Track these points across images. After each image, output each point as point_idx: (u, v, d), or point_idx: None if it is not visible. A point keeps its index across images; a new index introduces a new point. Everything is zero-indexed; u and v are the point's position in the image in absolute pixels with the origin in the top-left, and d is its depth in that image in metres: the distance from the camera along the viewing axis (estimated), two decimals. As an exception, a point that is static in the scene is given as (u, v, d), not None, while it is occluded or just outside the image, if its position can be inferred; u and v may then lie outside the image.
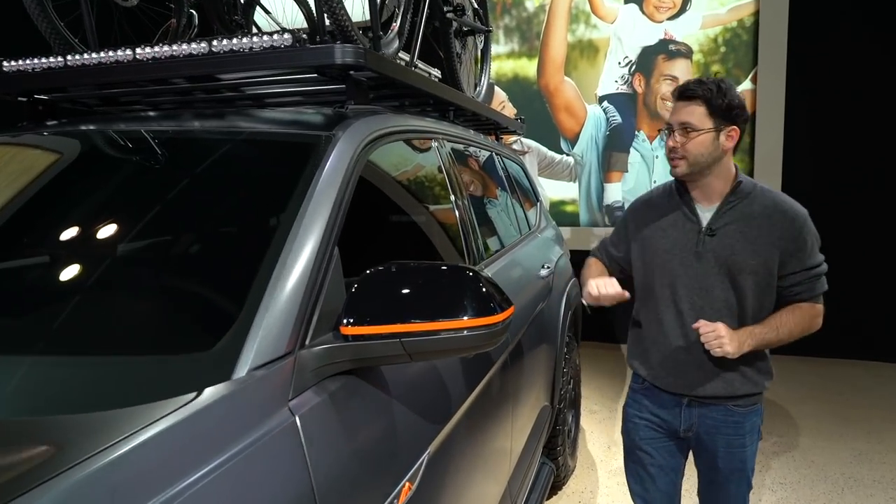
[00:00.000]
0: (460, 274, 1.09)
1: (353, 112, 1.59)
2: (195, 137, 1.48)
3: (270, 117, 1.59)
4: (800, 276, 1.62)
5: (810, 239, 1.61)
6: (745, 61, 5.13)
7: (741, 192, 1.62)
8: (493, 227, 2.43)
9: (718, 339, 1.54)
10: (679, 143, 1.59)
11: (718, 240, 1.61)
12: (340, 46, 1.53)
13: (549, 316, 2.60)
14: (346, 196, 1.26)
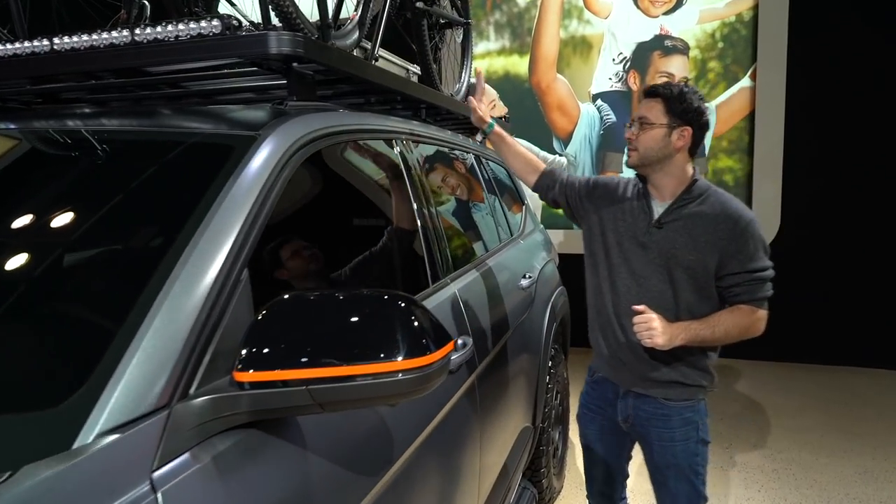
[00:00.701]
0: (387, 304, 0.90)
1: (293, 109, 1.40)
2: (92, 138, 1.28)
3: (195, 115, 1.41)
4: (739, 278, 1.65)
5: (753, 243, 1.65)
6: (743, 57, 4.94)
7: (694, 193, 1.69)
8: (468, 235, 2.24)
9: (649, 330, 1.60)
10: (633, 136, 1.69)
11: (664, 233, 1.69)
12: (276, 34, 1.34)
13: (530, 329, 2.41)
14: (266, 207, 1.07)
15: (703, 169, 5.07)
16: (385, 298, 0.92)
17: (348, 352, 0.85)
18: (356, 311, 0.90)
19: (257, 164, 1.11)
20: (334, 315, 0.90)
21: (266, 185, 1.10)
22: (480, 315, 1.84)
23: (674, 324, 1.63)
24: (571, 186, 1.93)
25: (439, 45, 2.73)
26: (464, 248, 2.13)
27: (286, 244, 1.20)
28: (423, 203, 1.76)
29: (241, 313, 0.93)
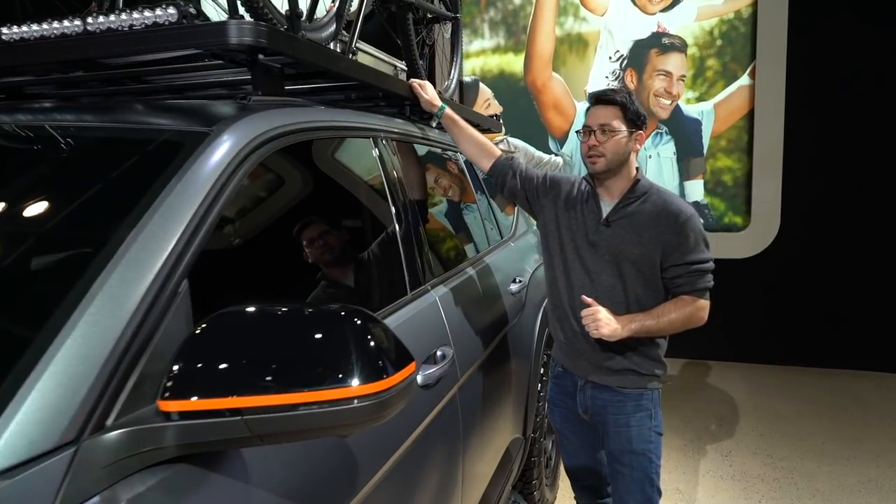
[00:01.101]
0: (340, 321, 0.80)
1: (256, 105, 1.30)
2: (28, 133, 1.17)
3: (149, 110, 1.30)
4: (680, 270, 1.74)
5: (693, 236, 1.73)
6: (742, 55, 4.84)
7: (638, 191, 1.78)
8: (453, 238, 2.14)
9: (595, 322, 1.69)
10: (600, 142, 1.75)
11: (612, 231, 1.77)
12: (236, 23, 1.24)
13: (520, 336, 2.30)
14: (214, 211, 0.97)
15: (702, 169, 4.97)
16: (338, 314, 0.81)
17: (292, 376, 0.75)
18: (305, 328, 0.80)
19: (207, 164, 1.01)
20: (279, 333, 0.79)
21: (215, 186, 0.99)
22: (464, 323, 1.74)
23: (619, 317, 1.72)
24: (530, 180, 1.96)
25: (426, 40, 2.62)
26: (448, 252, 2.03)
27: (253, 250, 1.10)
28: (403, 205, 1.66)
29: (176, 331, 0.83)
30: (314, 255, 1.31)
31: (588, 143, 1.76)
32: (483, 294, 2.01)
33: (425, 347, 1.46)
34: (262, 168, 1.15)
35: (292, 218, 1.30)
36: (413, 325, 1.45)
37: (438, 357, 1.49)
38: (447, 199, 2.30)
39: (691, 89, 4.97)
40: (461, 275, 1.91)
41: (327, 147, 1.46)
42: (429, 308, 1.57)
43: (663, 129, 5.04)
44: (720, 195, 4.97)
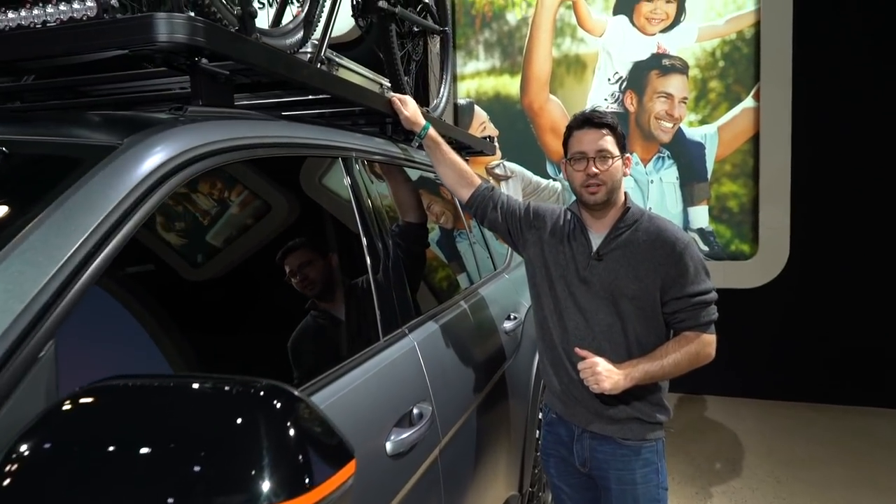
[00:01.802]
0: (249, 405, 0.56)
1: (193, 116, 1.08)
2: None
3: (61, 120, 1.08)
4: (682, 303, 1.59)
5: (692, 265, 1.58)
6: (745, 76, 4.67)
7: (629, 219, 1.63)
8: (439, 271, 1.91)
9: (595, 376, 1.53)
10: (601, 170, 1.58)
11: (604, 265, 1.62)
12: (165, 17, 1.02)
13: (515, 379, 2.06)
14: (109, 246, 0.74)
15: (706, 194, 4.77)
16: (247, 394, 0.58)
17: (171, 489, 0.51)
18: (198, 414, 0.56)
19: (105, 187, 0.79)
20: (161, 420, 0.56)
21: (114, 213, 0.77)
22: (447, 371, 1.50)
23: (619, 365, 1.56)
24: (512, 214, 1.80)
25: (413, 55, 2.43)
26: (433, 288, 1.80)
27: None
28: (377, 235, 1.43)
29: (30, 409, 0.59)
30: (259, 301, 1.08)
31: (587, 172, 1.59)
32: (472, 335, 1.77)
33: (398, 406, 1.22)
34: (188, 192, 0.92)
35: (232, 253, 1.06)
36: (383, 380, 1.21)
37: (415, 416, 1.25)
38: (434, 226, 2.07)
39: (694, 112, 4.79)
40: (447, 313, 1.68)
41: (280, 168, 1.23)
42: (405, 356, 1.33)
43: (665, 152, 4.86)
44: (726, 222, 4.76)
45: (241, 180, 1.13)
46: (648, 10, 4.86)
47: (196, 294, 0.95)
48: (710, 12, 4.72)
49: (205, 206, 1.02)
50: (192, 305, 0.93)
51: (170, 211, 0.91)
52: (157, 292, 0.87)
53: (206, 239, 1.02)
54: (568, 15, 5.06)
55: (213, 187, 1.06)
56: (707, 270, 1.62)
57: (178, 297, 0.91)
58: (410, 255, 1.70)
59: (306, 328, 1.17)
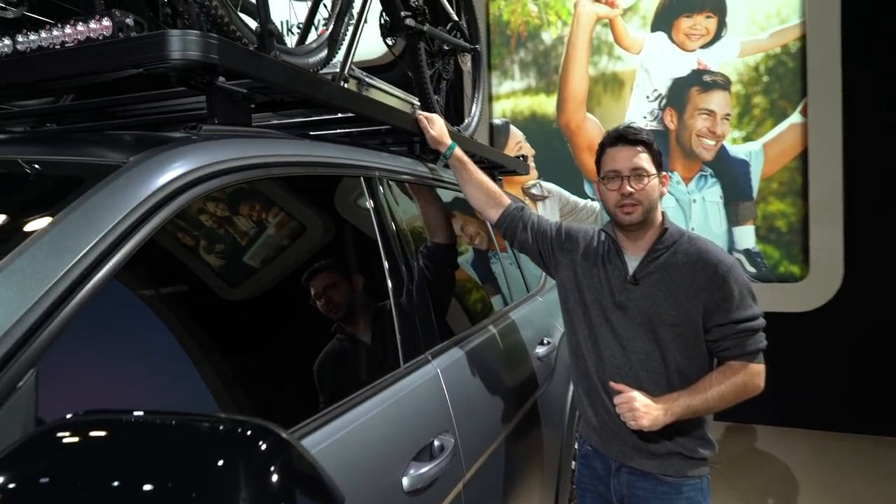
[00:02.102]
0: (232, 446, 0.51)
1: (207, 135, 1.05)
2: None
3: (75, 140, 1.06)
4: (726, 330, 1.48)
5: (737, 289, 1.47)
6: (792, 91, 4.50)
7: (667, 240, 1.54)
8: (467, 294, 1.84)
9: (632, 412, 1.43)
10: (636, 189, 1.50)
11: (641, 289, 1.52)
12: (179, 35, 1.00)
13: (548, 407, 1.96)
14: (104, 269, 0.70)
15: (752, 214, 4.59)
16: (231, 434, 0.52)
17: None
18: (173, 454, 0.51)
19: (105, 204, 0.75)
20: (133, 461, 0.51)
21: (111, 235, 0.73)
22: (472, 399, 1.43)
23: (659, 399, 1.46)
24: (544, 235, 1.73)
25: (443, 74, 2.39)
26: (458, 312, 1.73)
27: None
28: (399, 257, 1.38)
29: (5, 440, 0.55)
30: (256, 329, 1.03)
31: (621, 191, 1.51)
32: (502, 361, 1.69)
33: (417, 438, 1.15)
34: (195, 212, 0.89)
35: (241, 275, 1.02)
36: (401, 409, 1.14)
37: (435, 449, 1.18)
38: (465, 247, 2.01)
39: (737, 129, 4.63)
40: (474, 338, 1.61)
41: (297, 187, 1.19)
42: (427, 384, 1.26)
43: (708, 171, 4.70)
44: (774, 242, 4.56)
45: (254, 200, 1.09)
46: (688, 26, 4.75)
47: (198, 321, 0.91)
48: (752, 26, 4.58)
49: (213, 227, 0.98)
50: (193, 333, 0.88)
51: (174, 231, 0.87)
52: (156, 319, 0.83)
53: (214, 262, 0.98)
54: (605, 33, 4.99)
55: (224, 207, 1.02)
56: (754, 294, 1.51)
57: (179, 323, 0.87)
58: (437, 277, 1.64)
59: (320, 355, 1.11)
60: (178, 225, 0.88)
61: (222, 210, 1.02)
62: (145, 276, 0.82)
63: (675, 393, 1.47)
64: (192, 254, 0.93)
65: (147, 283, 0.83)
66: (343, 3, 1.65)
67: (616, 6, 4.95)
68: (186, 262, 0.92)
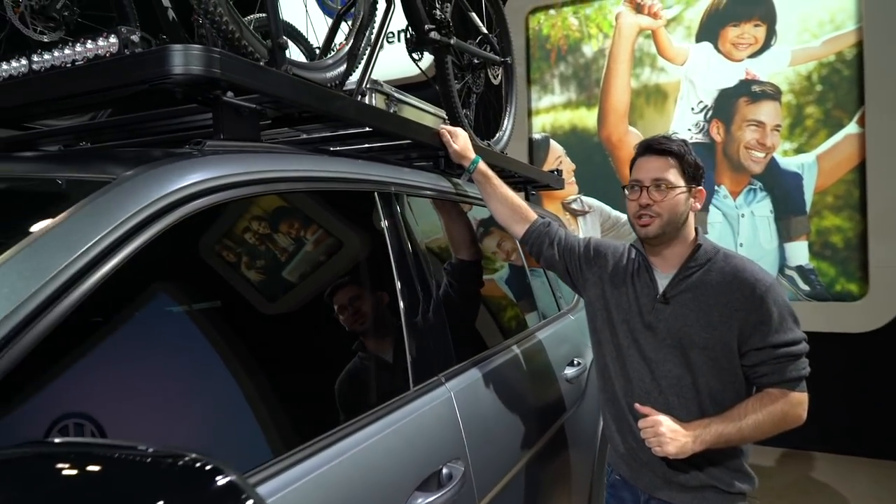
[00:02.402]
0: (166, 478, 0.47)
1: (212, 150, 1.04)
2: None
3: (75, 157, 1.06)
4: (764, 355, 1.37)
5: (776, 310, 1.37)
6: (847, 100, 4.28)
7: (700, 258, 1.45)
8: (489, 314, 1.78)
9: (657, 437, 1.34)
10: (654, 200, 1.43)
11: (672, 309, 1.44)
12: (181, 49, 0.99)
13: (577, 433, 1.88)
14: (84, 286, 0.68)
15: (805, 228, 4.37)
16: (174, 467, 0.48)
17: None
18: (118, 489, 0.47)
19: (87, 222, 0.73)
20: (77, 497, 0.47)
21: (88, 253, 0.71)
22: (490, 424, 1.36)
23: (689, 425, 1.37)
24: (571, 251, 1.66)
25: (473, 87, 2.36)
26: (480, 332, 1.67)
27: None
28: (413, 274, 1.33)
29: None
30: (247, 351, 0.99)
31: (639, 202, 1.45)
32: (524, 382, 1.63)
33: (423, 466, 1.10)
34: (188, 230, 0.86)
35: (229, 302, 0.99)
36: (407, 435, 1.09)
37: (444, 477, 1.12)
38: (493, 264, 1.95)
39: (788, 140, 4.44)
40: (495, 359, 1.55)
41: (304, 202, 1.17)
42: (437, 408, 1.21)
43: (757, 184, 4.51)
44: (829, 259, 4.32)
45: (258, 216, 1.07)
46: (735, 35, 4.59)
47: (191, 340, 0.88)
48: (804, 34, 4.40)
49: (213, 244, 0.96)
50: (184, 356, 0.86)
51: (168, 247, 0.85)
52: (141, 336, 0.80)
53: (211, 279, 0.95)
54: (647, 44, 4.88)
55: (227, 223, 1.00)
56: (795, 317, 1.41)
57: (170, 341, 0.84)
58: (459, 295, 1.59)
59: (322, 377, 1.07)
60: (173, 241, 0.86)
61: (225, 226, 1.00)
62: (130, 293, 0.80)
63: (706, 419, 1.38)
64: (185, 271, 0.90)
65: (132, 299, 0.81)
66: (364, 18, 1.63)
67: (659, 17, 4.84)
68: (179, 279, 0.90)
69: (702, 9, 4.70)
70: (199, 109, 1.39)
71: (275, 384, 0.97)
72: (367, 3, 1.65)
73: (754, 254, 4.53)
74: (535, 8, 5.28)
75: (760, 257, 4.52)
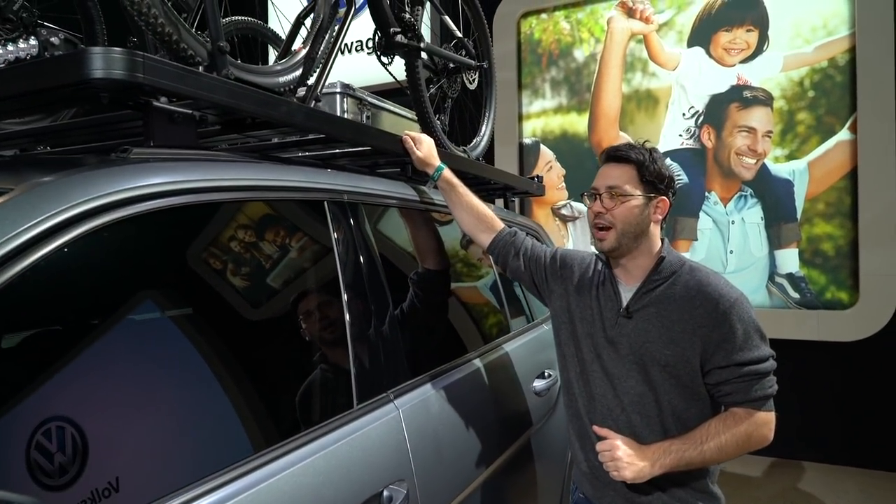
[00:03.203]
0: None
1: (138, 157, 0.99)
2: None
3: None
4: (728, 373, 1.32)
5: (741, 327, 1.32)
6: (840, 106, 4.23)
7: (665, 271, 1.40)
8: (450, 325, 1.73)
9: (614, 462, 1.31)
10: (606, 209, 1.39)
11: (634, 324, 1.39)
12: (101, 52, 0.94)
13: (545, 446, 1.83)
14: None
15: (796, 236, 4.31)
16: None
17: None
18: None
19: None
20: None
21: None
22: (442, 442, 1.31)
23: (647, 448, 1.33)
24: (537, 261, 1.62)
25: (448, 92, 2.31)
26: (438, 346, 1.62)
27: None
28: (362, 286, 1.29)
29: None
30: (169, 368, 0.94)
31: (593, 210, 1.42)
32: (484, 397, 1.58)
33: (360, 489, 1.05)
34: (103, 244, 0.82)
35: (146, 315, 0.94)
36: (343, 457, 1.05)
37: (384, 500, 1.07)
38: (454, 274, 1.90)
39: (780, 146, 4.39)
40: (453, 374, 1.50)
41: (237, 212, 1.12)
42: (382, 426, 1.16)
43: (748, 191, 4.46)
44: (819, 266, 4.27)
45: (186, 227, 1.02)
46: (727, 41, 4.55)
47: (101, 355, 0.83)
48: (796, 39, 4.35)
49: (132, 257, 0.91)
50: (92, 374, 0.81)
51: (71, 260, 0.80)
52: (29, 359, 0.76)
53: (125, 297, 0.91)
54: (639, 49, 4.84)
55: (147, 234, 0.95)
56: (762, 334, 1.35)
57: (64, 360, 0.79)
58: (425, 305, 1.54)
59: (257, 393, 1.03)
60: (79, 253, 0.81)
61: (146, 238, 0.96)
62: (27, 312, 0.75)
63: (667, 441, 1.33)
64: (91, 291, 0.86)
65: (29, 317, 0.76)
66: (323, 21, 1.59)
67: (651, 22, 4.80)
68: (92, 293, 0.85)
69: (694, 14, 4.66)
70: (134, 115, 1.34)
71: (201, 398, 0.93)
72: (327, 6, 1.61)
73: (744, 261, 4.48)
74: (526, 12, 5.24)
75: (751, 264, 4.47)
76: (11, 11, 1.58)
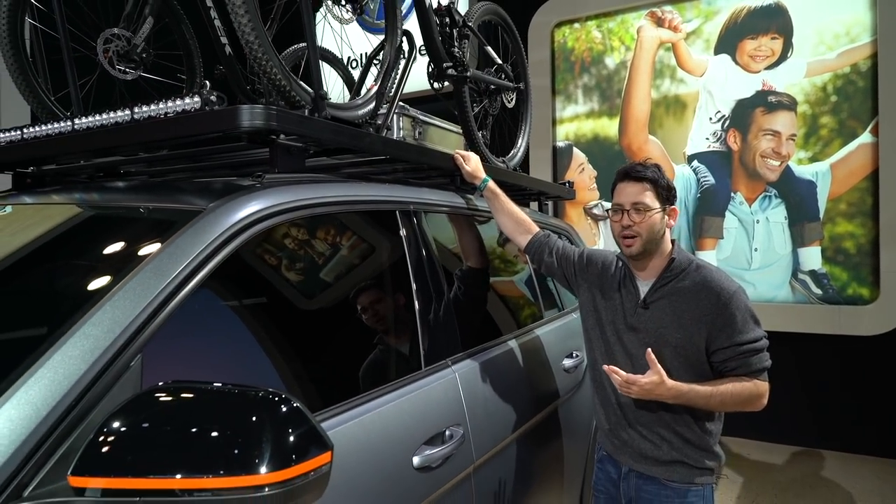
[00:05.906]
0: (254, 405, 0.79)
1: (270, 182, 1.37)
2: (60, 212, 1.31)
3: (168, 188, 1.41)
4: (730, 352, 1.61)
5: (739, 314, 1.60)
6: (862, 111, 4.43)
7: (675, 269, 1.68)
8: (491, 313, 2.07)
9: (628, 383, 1.59)
10: (634, 222, 1.65)
11: (650, 313, 1.68)
12: (248, 108, 1.32)
13: (571, 416, 2.17)
14: (186, 288, 1.01)
15: (818, 235, 4.52)
16: (254, 397, 0.81)
17: (196, 460, 0.75)
18: (222, 410, 0.80)
19: (188, 242, 1.07)
20: (197, 413, 0.80)
21: (191, 264, 1.04)
22: (487, 401, 1.67)
23: (671, 382, 1.58)
24: (567, 259, 1.92)
25: (490, 110, 2.66)
26: (482, 328, 1.96)
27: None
28: (427, 278, 1.65)
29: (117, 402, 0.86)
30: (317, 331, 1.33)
31: (621, 223, 1.68)
32: (520, 370, 1.92)
33: (429, 427, 1.41)
34: (259, 244, 1.20)
35: (293, 294, 1.33)
36: (418, 403, 1.41)
37: (446, 437, 1.43)
38: (495, 267, 2.25)
39: (803, 149, 4.60)
40: (494, 350, 1.85)
41: (340, 222, 1.50)
42: (443, 384, 1.52)
43: (772, 191, 4.69)
44: (842, 264, 4.48)
45: (305, 233, 1.40)
46: (753, 48, 4.77)
47: (262, 323, 1.22)
48: (819, 46, 4.56)
49: (273, 255, 1.29)
50: (258, 332, 1.20)
51: (243, 257, 1.18)
52: (230, 319, 1.14)
53: (274, 279, 1.29)
54: (667, 56, 5.09)
55: (282, 239, 1.33)
56: (756, 318, 1.63)
57: (249, 323, 1.18)
58: (466, 296, 1.89)
59: (354, 357, 1.41)
60: (246, 253, 1.19)
61: (281, 241, 1.34)
62: (220, 290, 1.13)
63: (686, 385, 1.58)
64: (256, 273, 1.24)
65: (221, 294, 1.15)
66: (390, 61, 1.95)
67: (679, 30, 5.05)
68: (253, 279, 1.24)
69: (720, 22, 4.90)
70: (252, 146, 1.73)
71: (320, 362, 1.31)
72: (393, 48, 1.97)
73: (769, 258, 4.71)
74: (560, 22, 5.54)
75: (774, 261, 4.70)
76: (136, 53, 1.98)
